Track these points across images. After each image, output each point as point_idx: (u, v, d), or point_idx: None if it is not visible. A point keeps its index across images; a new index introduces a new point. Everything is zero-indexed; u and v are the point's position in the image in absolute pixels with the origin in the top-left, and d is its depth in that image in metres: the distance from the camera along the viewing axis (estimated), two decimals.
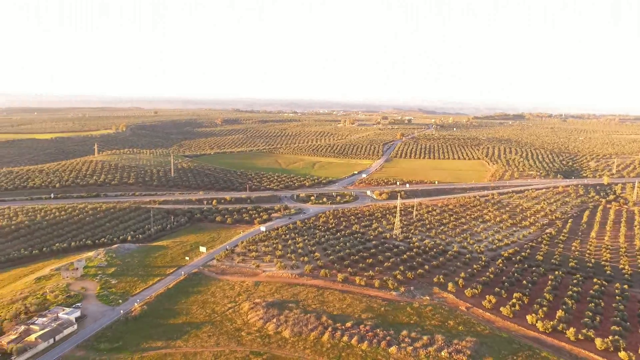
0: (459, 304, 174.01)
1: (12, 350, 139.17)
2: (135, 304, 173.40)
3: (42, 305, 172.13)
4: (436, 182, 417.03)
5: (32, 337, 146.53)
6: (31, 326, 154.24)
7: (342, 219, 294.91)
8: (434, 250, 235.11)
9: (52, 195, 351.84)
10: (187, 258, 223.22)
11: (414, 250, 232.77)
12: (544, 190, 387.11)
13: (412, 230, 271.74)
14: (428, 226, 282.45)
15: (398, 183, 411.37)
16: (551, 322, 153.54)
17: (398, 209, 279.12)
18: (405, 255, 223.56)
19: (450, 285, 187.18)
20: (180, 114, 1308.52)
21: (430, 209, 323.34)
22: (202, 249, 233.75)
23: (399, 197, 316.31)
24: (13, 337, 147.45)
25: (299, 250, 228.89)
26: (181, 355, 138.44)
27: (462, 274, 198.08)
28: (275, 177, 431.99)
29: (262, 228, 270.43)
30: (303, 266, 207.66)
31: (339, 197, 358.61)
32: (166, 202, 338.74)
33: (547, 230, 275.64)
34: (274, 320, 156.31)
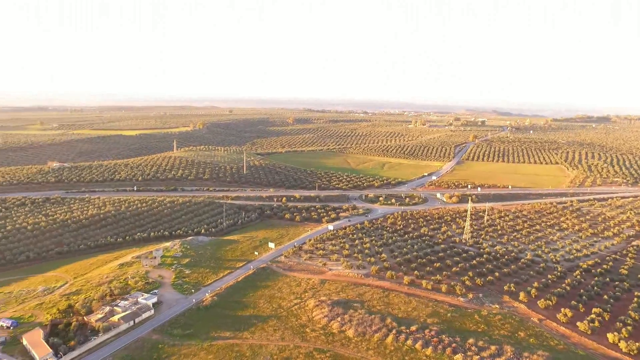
0: (531, 314, 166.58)
1: (99, 328, 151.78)
2: (207, 294, 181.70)
3: (125, 289, 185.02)
4: (510, 187, 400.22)
5: (116, 318, 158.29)
6: (115, 308, 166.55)
7: (410, 221, 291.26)
8: (506, 257, 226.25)
9: (135, 188, 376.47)
10: (256, 253, 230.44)
11: (484, 256, 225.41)
12: (631, 198, 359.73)
13: (482, 236, 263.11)
14: (500, 232, 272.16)
15: (469, 186, 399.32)
16: (637, 344, 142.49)
17: (469, 212, 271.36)
18: (474, 261, 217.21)
19: (522, 294, 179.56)
20: (254, 113, 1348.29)
21: (502, 214, 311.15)
22: (271, 244, 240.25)
23: (469, 201, 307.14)
24: (100, 316, 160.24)
25: (366, 251, 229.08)
26: (247, 347, 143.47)
27: (536, 284, 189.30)
28: (345, 177, 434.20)
29: (330, 227, 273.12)
30: (369, 267, 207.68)
31: (407, 199, 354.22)
32: (238, 198, 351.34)
33: (634, 243, 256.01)
34: (339, 319, 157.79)
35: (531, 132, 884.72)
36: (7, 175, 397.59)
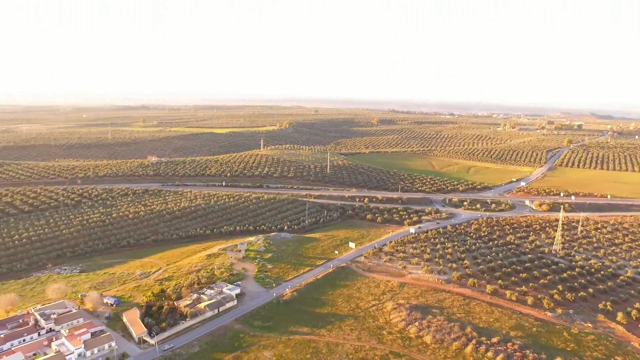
0: (631, 338, 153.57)
1: (187, 313, 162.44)
2: (287, 289, 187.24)
3: (211, 279, 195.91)
4: (609, 196, 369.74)
5: (202, 305, 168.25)
6: (201, 296, 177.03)
7: (495, 227, 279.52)
8: (601, 272, 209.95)
9: (223, 184, 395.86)
10: (336, 252, 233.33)
11: (577, 269, 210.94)
12: None
13: (575, 248, 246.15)
14: (595, 245, 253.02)
15: (562, 194, 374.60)
16: None
17: (560, 222, 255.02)
18: (565, 274, 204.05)
19: (620, 315, 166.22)
20: (339, 113, 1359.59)
21: (599, 226, 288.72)
22: (351, 244, 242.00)
23: (561, 210, 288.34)
24: (188, 302, 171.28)
25: (448, 256, 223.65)
26: (324, 344, 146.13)
27: (637, 305, 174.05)
28: (428, 180, 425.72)
29: (412, 230, 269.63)
30: (450, 273, 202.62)
31: (494, 205, 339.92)
32: (321, 196, 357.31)
33: None
34: (416, 323, 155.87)
35: (637, 137, 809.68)
36: (114, 167, 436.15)
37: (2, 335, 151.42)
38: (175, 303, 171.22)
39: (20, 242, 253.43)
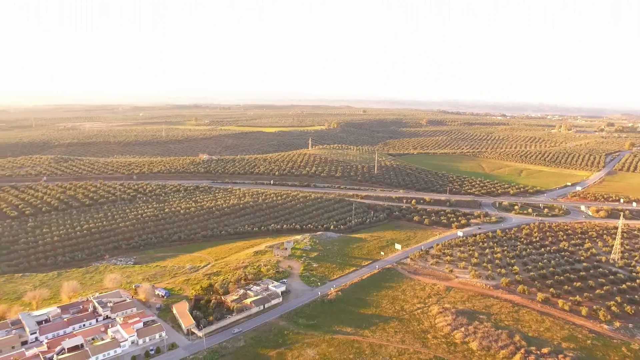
0: None
1: (233, 308, 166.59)
2: (332, 288, 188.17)
3: (257, 275, 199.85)
4: None
5: (248, 301, 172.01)
6: (248, 292, 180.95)
7: (548, 233, 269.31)
8: None
9: (271, 182, 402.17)
10: (382, 253, 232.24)
11: (638, 280, 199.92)
12: None
13: (636, 258, 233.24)
14: None
15: (622, 200, 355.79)
16: None
17: (619, 230, 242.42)
18: (624, 285, 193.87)
19: None
20: (387, 114, 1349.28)
21: None
22: (398, 246, 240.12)
23: (621, 217, 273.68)
24: (235, 297, 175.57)
25: (497, 261, 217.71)
26: (367, 345, 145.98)
27: None
28: (477, 182, 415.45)
29: (459, 233, 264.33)
30: (499, 278, 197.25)
31: (546, 210, 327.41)
32: (368, 197, 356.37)
33: None
34: (462, 329, 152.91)
35: None
36: (167, 164, 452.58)
37: (65, 319, 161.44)
38: (222, 297, 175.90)
39: (81, 233, 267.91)
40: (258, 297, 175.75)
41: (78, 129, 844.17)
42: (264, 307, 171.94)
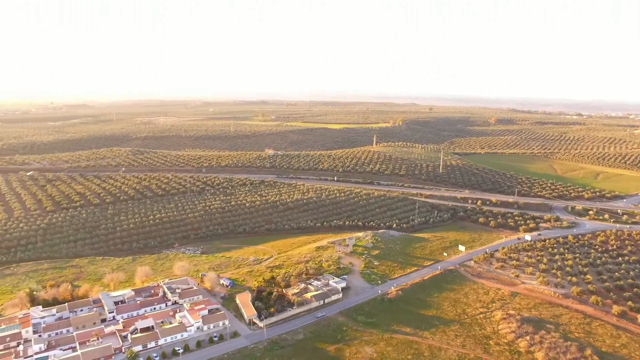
0: None
1: (294, 301, 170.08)
2: (392, 287, 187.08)
3: (318, 270, 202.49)
4: None
5: (309, 295, 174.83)
6: (309, 286, 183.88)
7: (627, 241, 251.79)
8: None
9: (335, 178, 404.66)
10: (445, 254, 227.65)
11: None
12: None
13: None
14: None
15: None
16: None
17: None
18: None
19: None
20: (454, 112, 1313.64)
21: None
22: (461, 247, 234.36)
23: None
24: (296, 291, 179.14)
25: (567, 269, 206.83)
26: (426, 347, 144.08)
27: None
28: (548, 185, 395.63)
29: (527, 237, 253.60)
30: (569, 287, 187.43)
31: (626, 216, 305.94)
32: (432, 196, 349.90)
33: None
34: (527, 337, 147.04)
35: None
36: (234, 158, 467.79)
37: (138, 302, 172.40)
38: (284, 290, 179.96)
39: (154, 222, 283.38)
40: (318, 291, 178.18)
41: (153, 123, 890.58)
42: (324, 302, 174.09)
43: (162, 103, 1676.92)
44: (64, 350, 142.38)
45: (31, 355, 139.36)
